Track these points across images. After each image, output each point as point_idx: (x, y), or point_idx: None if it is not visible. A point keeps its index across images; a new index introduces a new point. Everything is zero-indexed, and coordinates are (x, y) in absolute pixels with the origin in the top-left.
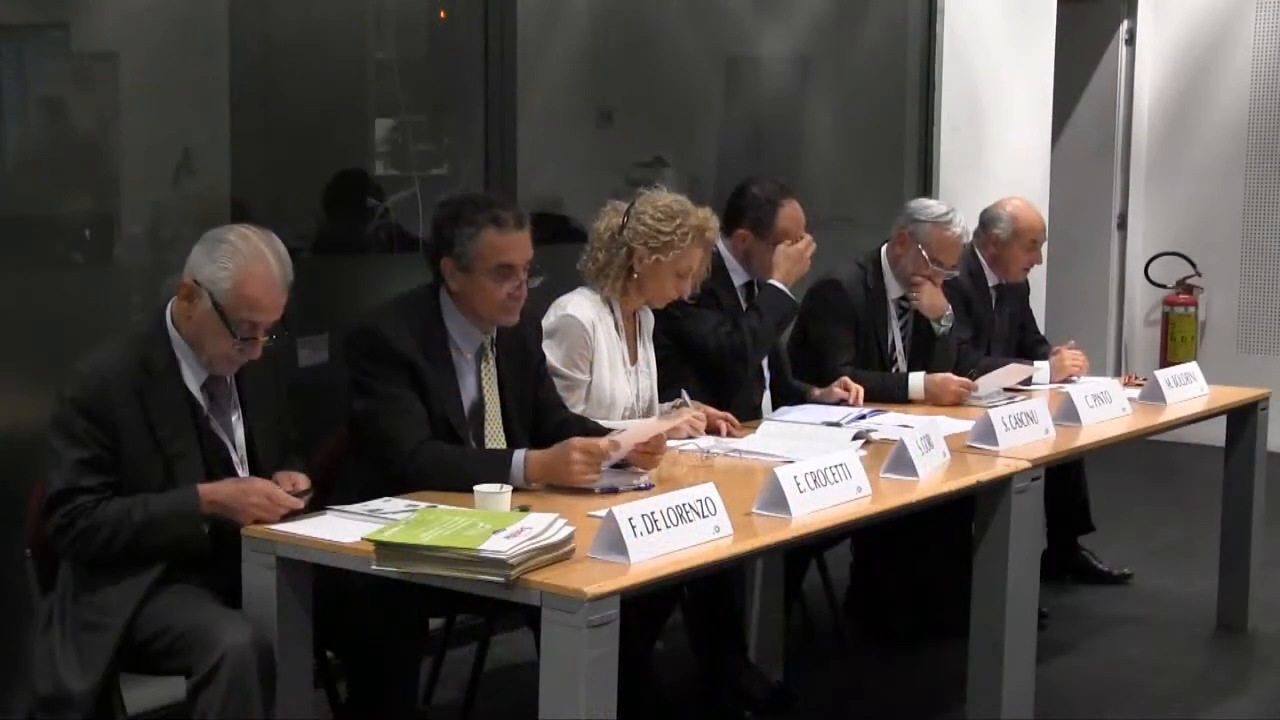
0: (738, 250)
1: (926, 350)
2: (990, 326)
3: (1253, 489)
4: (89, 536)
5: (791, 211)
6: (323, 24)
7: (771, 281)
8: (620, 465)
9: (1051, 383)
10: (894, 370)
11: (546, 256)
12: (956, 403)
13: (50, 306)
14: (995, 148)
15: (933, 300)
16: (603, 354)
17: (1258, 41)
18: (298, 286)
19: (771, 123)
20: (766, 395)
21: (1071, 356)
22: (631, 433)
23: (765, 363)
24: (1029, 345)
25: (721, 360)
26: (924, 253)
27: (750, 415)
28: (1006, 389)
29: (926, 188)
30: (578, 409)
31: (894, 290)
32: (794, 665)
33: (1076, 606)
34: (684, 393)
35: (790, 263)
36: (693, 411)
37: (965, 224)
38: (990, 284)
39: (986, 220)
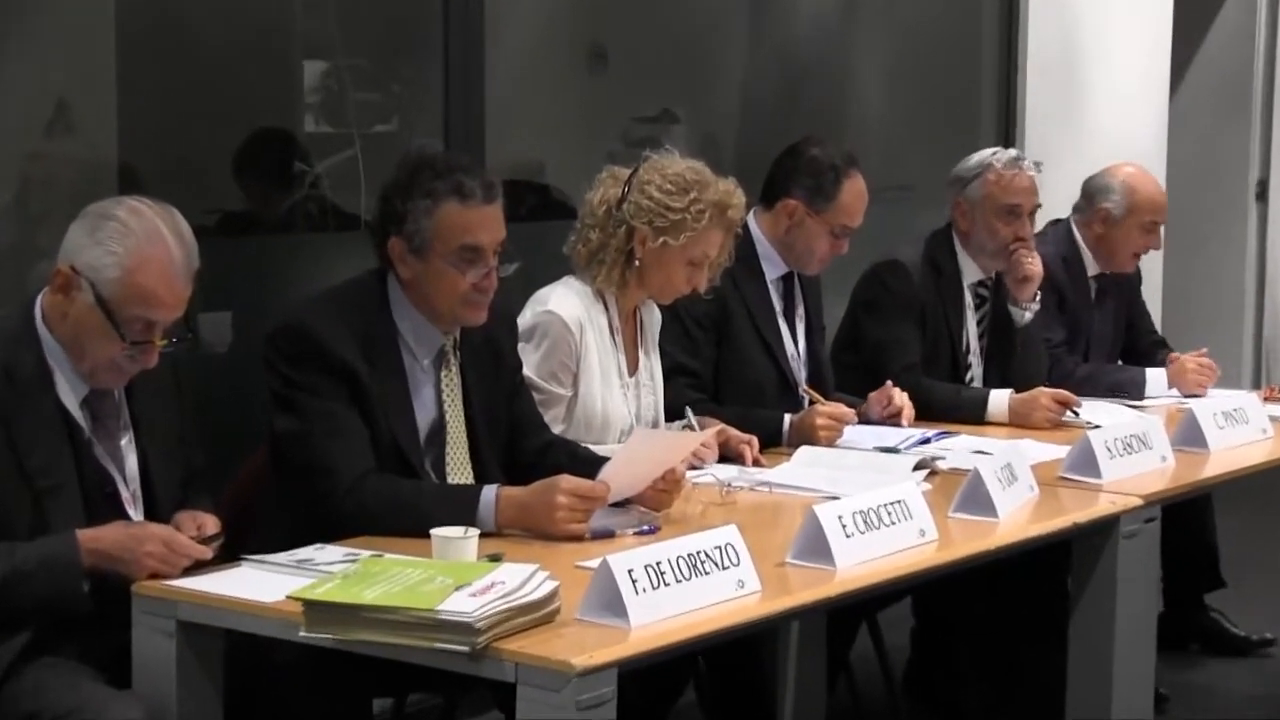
0: (776, 229)
1: (1008, 351)
2: (1090, 326)
3: None
4: None
5: (858, 187)
6: None
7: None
8: (619, 503)
9: (1170, 397)
10: (967, 377)
11: (523, 237)
12: (1049, 424)
13: None
14: (1097, 97)
15: (1036, 269)
16: (592, 362)
17: None
18: (204, 275)
19: (808, 67)
20: None
21: (1196, 364)
22: (629, 458)
23: (801, 375)
24: (1141, 350)
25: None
26: (994, 218)
27: (781, 439)
28: (1114, 396)
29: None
30: (557, 429)
31: (970, 273)
32: None
33: (1204, 685)
34: (689, 412)
35: (830, 431)
36: (707, 433)
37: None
38: (1090, 273)
39: (1092, 192)
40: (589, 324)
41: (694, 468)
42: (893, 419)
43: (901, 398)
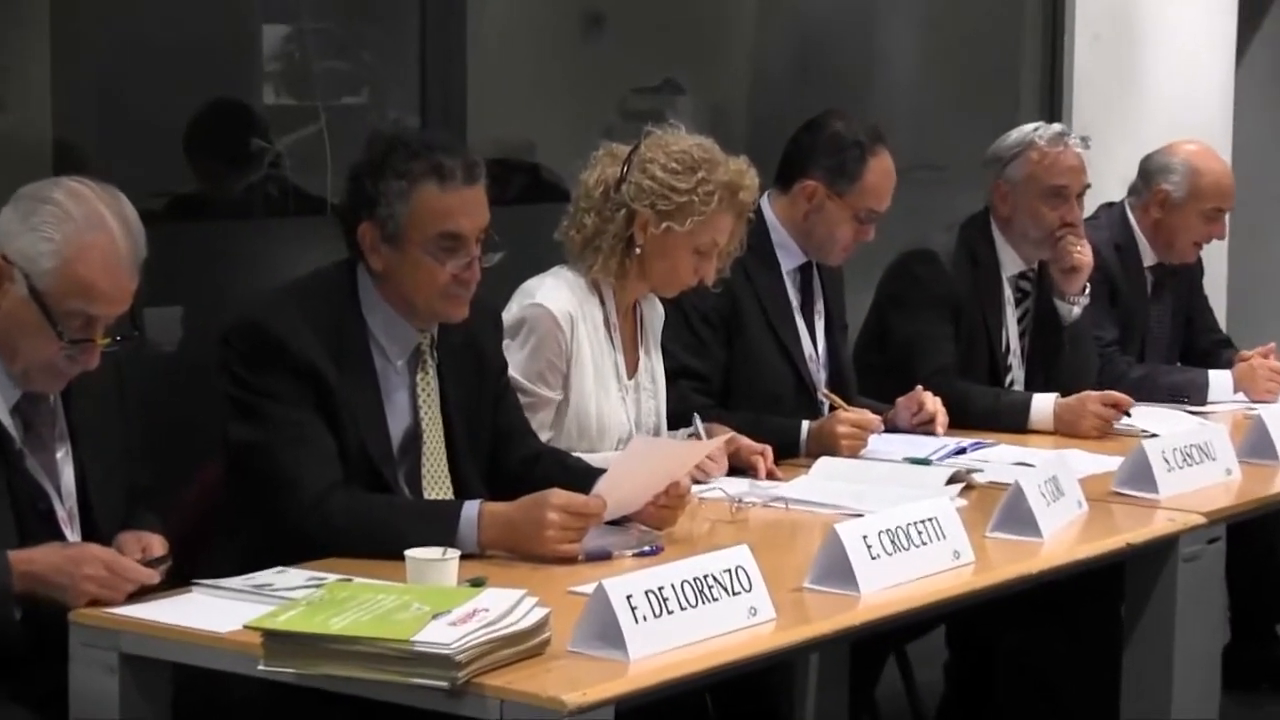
0: (793, 214)
1: (1053, 351)
2: (1145, 323)
3: None
4: None
5: (884, 165)
6: None
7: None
8: (616, 521)
9: (1236, 402)
10: (1007, 380)
11: (510, 223)
12: (1099, 431)
13: None
14: (1154, 64)
15: (1085, 258)
16: (585, 361)
17: None
18: (152, 265)
19: (829, 31)
20: None
21: (1266, 366)
22: (628, 470)
23: (820, 378)
24: (1202, 349)
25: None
26: (1038, 201)
27: (798, 449)
28: (1172, 400)
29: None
30: (545, 437)
31: (1011, 264)
32: None
33: None
34: (697, 418)
35: (853, 440)
36: (715, 441)
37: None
38: (1146, 263)
39: (1149, 172)
40: (582, 319)
41: (700, 481)
42: (924, 427)
43: (934, 403)
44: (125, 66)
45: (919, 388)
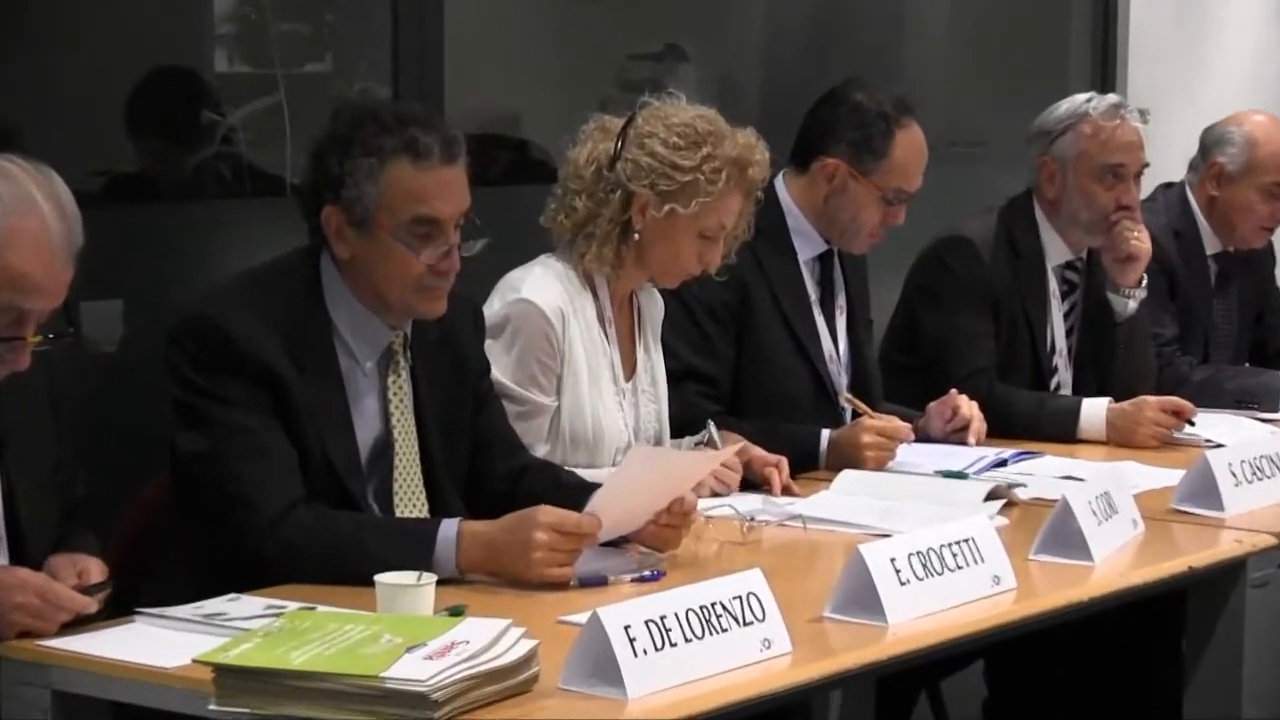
0: (812, 196)
1: (1105, 350)
2: (1209, 318)
3: None
4: None
5: (913, 140)
6: None
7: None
8: (613, 542)
9: None
10: (1053, 383)
11: (492, 205)
12: (1158, 441)
13: None
14: (1218, 29)
15: (1143, 246)
16: (578, 363)
17: None
18: (89, 253)
19: None
20: None
21: None
22: (626, 484)
23: (842, 381)
24: (1274, 348)
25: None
26: (1090, 181)
27: (817, 460)
28: (1240, 406)
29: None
30: (538, 450)
31: (1057, 253)
32: None
33: None
34: (711, 425)
35: (879, 451)
36: (725, 451)
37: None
38: (1209, 251)
39: (1207, 145)
40: (573, 314)
41: (715, 494)
42: (958, 435)
43: (970, 408)
44: (58, 30)
45: (953, 391)
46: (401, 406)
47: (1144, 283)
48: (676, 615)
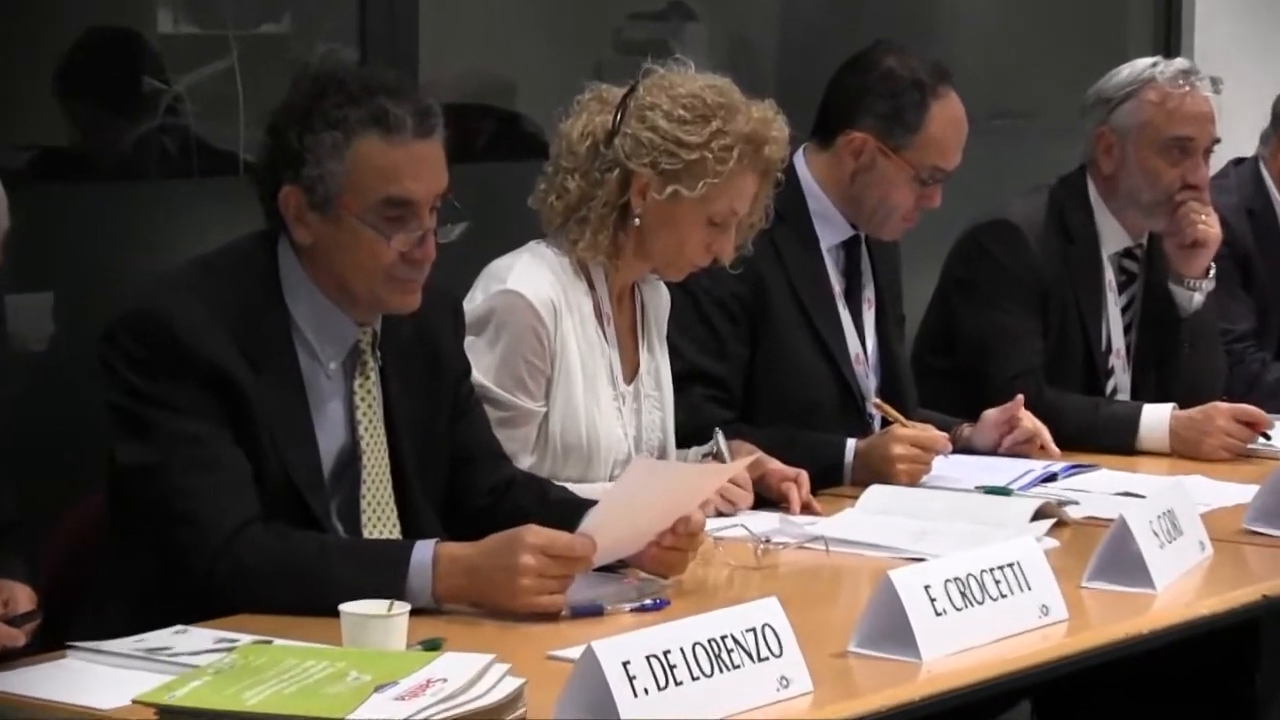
0: (836, 175)
1: (1169, 349)
2: None
3: None
4: None
5: (951, 111)
6: None
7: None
8: (610, 567)
9: None
10: (1109, 387)
11: (474, 184)
12: (1229, 453)
13: None
14: None
15: (1212, 230)
16: (571, 364)
17: None
18: (16, 239)
19: None
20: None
21: None
22: (625, 501)
23: (870, 385)
24: None
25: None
26: (1154, 155)
27: (842, 474)
28: None
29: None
30: (521, 462)
31: (1114, 238)
32: None
33: None
34: (719, 434)
35: (912, 464)
36: (737, 464)
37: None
38: None
39: (1279, 114)
40: (567, 309)
41: (721, 514)
42: (1019, 449)
43: (1034, 420)
44: None
45: (1019, 398)
46: (370, 413)
47: (1212, 273)
48: (682, 650)
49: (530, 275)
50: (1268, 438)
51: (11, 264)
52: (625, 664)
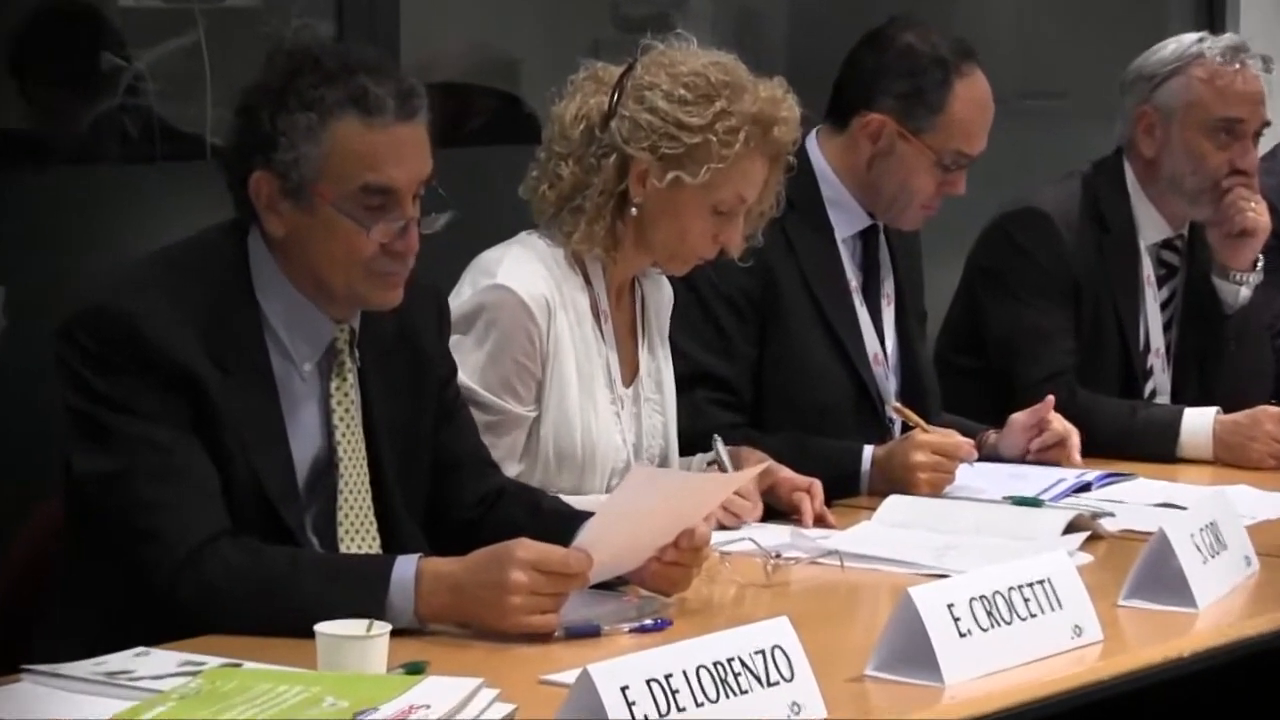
0: (853, 160)
1: (1213, 349)
2: None
3: None
4: None
5: (976, 91)
6: None
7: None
8: (607, 584)
9: None
10: (1148, 389)
11: (460, 171)
12: (1277, 460)
13: None
14: None
15: (1261, 219)
16: (566, 364)
17: None
18: None
19: None
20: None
21: None
22: (624, 513)
23: (889, 386)
24: None
25: None
26: (1200, 137)
27: (858, 484)
28: None
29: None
30: (512, 469)
31: (1153, 228)
32: None
33: None
34: (718, 441)
35: (935, 472)
36: (745, 474)
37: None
38: None
39: None
40: (561, 306)
41: (723, 527)
42: (1048, 454)
43: (1065, 423)
44: None
45: (1050, 399)
46: (347, 417)
47: (1259, 265)
48: (685, 674)
49: (521, 269)
50: None
51: None
52: (624, 689)
